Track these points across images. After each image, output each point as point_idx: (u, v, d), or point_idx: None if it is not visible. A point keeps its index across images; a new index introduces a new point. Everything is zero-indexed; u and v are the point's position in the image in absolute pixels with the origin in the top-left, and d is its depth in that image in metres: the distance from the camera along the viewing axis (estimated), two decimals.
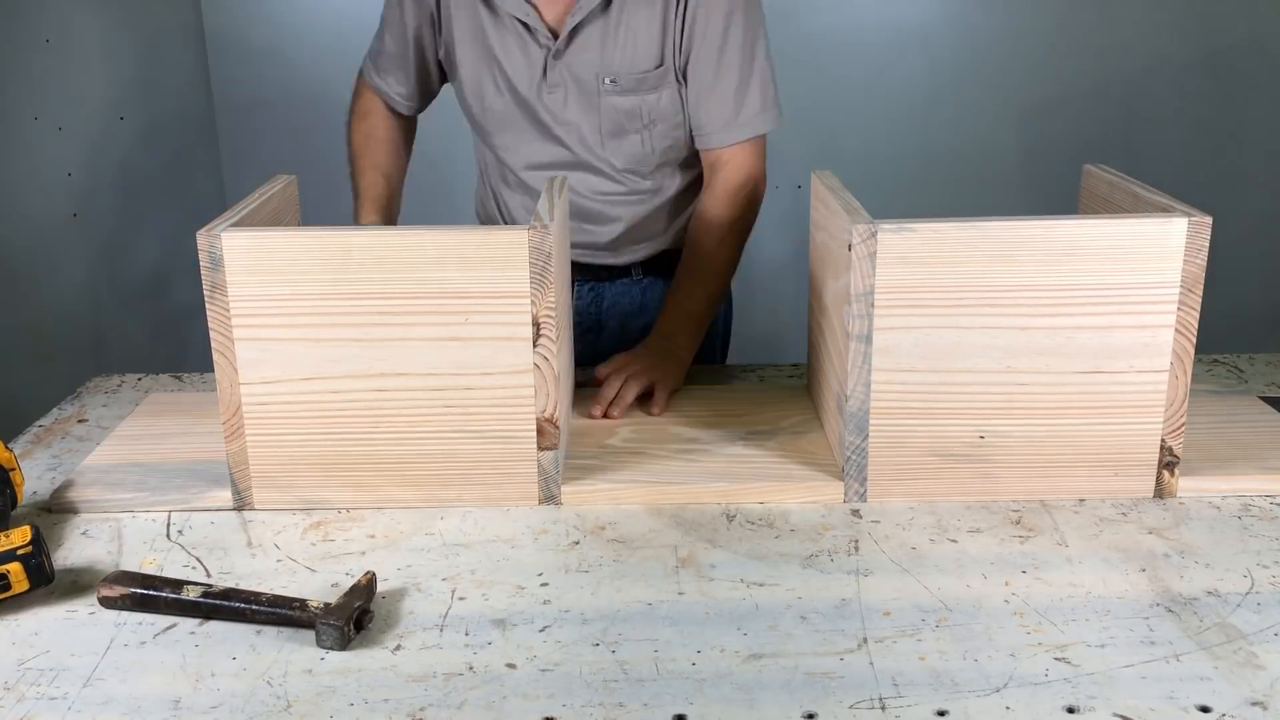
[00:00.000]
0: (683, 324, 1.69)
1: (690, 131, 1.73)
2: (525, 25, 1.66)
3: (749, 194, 1.73)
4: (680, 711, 1.00)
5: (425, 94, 1.86)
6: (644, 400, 1.58)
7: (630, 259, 1.86)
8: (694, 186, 1.82)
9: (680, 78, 1.68)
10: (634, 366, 1.59)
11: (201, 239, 1.27)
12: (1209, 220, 1.27)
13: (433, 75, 1.83)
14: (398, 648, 1.10)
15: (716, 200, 1.72)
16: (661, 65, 1.66)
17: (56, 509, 1.37)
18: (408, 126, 1.90)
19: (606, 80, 1.67)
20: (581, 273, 1.83)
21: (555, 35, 1.66)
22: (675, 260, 1.88)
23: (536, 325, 1.29)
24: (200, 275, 1.28)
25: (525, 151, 1.77)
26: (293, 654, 1.09)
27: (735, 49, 1.65)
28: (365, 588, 1.15)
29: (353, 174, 1.84)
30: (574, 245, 1.76)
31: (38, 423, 1.61)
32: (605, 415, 1.54)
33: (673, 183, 1.80)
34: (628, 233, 1.82)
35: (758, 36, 1.67)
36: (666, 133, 1.73)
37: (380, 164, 1.81)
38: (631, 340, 1.82)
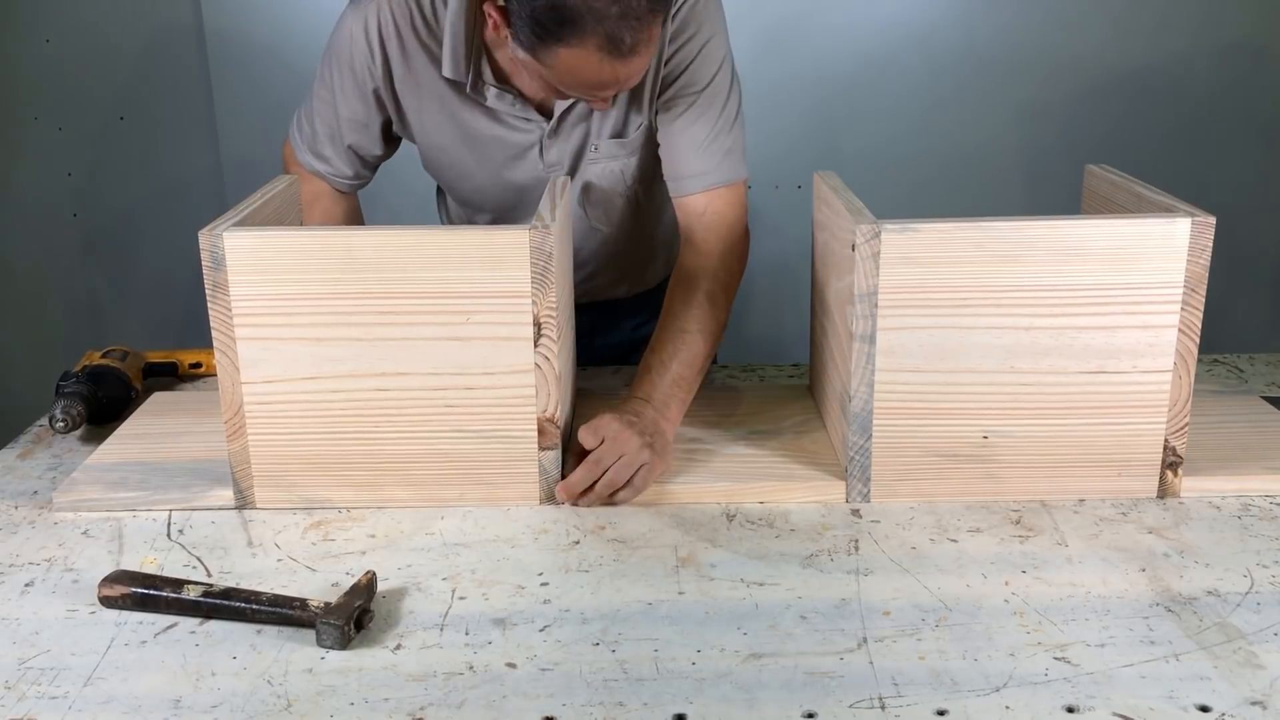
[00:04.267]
0: (674, 391, 1.48)
1: (659, 175, 1.63)
2: (520, 117, 1.58)
3: (734, 242, 1.59)
4: (680, 711, 1.00)
5: (372, 169, 1.72)
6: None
7: (610, 296, 1.83)
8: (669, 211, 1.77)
9: (654, 124, 1.60)
10: (625, 443, 1.35)
11: (204, 238, 1.27)
12: (1212, 220, 1.27)
13: (380, 153, 1.69)
14: (398, 647, 1.09)
15: (700, 251, 1.56)
16: (640, 125, 1.60)
17: (57, 509, 1.37)
18: (356, 206, 1.76)
19: (592, 149, 1.61)
20: None
21: (547, 115, 1.58)
22: (639, 299, 1.83)
23: (538, 325, 1.29)
24: (201, 275, 1.28)
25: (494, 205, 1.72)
26: (293, 653, 1.09)
27: (717, 94, 1.56)
28: (365, 587, 1.15)
29: None
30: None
31: (38, 422, 1.61)
32: (575, 504, 1.37)
33: (646, 214, 1.75)
34: (604, 273, 1.79)
35: (734, 90, 1.58)
36: (647, 185, 1.68)
37: None
38: (617, 339, 1.81)
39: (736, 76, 1.60)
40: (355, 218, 1.76)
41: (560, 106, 1.57)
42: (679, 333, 1.51)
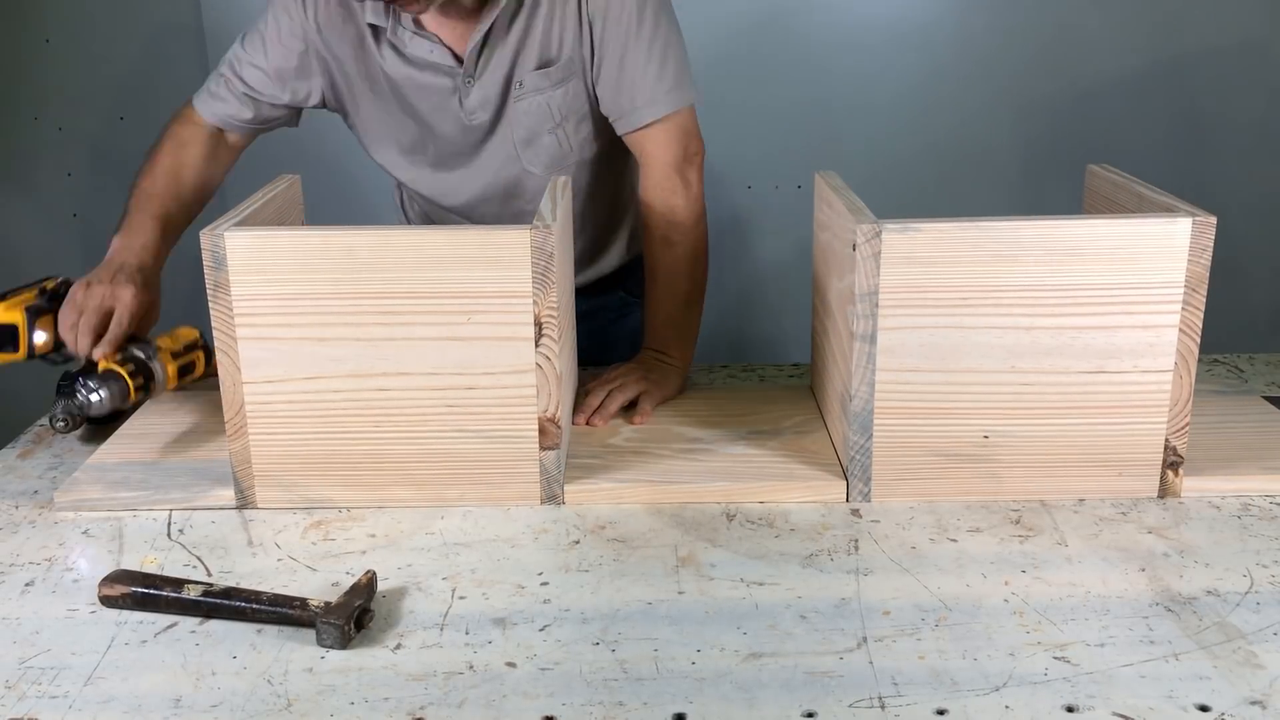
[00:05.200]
0: (666, 334, 1.63)
1: (603, 121, 1.67)
2: (439, 63, 1.59)
3: (683, 176, 1.61)
4: (680, 710, 1.00)
5: (265, 126, 1.74)
6: (630, 410, 1.56)
7: (580, 280, 1.83)
8: (617, 197, 1.81)
9: (586, 66, 1.62)
10: (621, 378, 1.57)
11: (205, 238, 1.28)
12: (1213, 220, 1.27)
13: (279, 118, 1.73)
14: (398, 647, 1.10)
15: (653, 192, 1.62)
16: (562, 56, 1.60)
17: (58, 508, 1.37)
18: (223, 172, 1.75)
19: (516, 85, 1.62)
20: None
21: (460, 60, 1.60)
22: (625, 275, 1.85)
23: (538, 325, 1.29)
24: (201, 275, 1.28)
25: (447, 190, 1.73)
26: (293, 653, 1.09)
27: (633, 23, 1.58)
28: (366, 587, 1.15)
29: (130, 203, 1.64)
30: None
31: (38, 422, 1.61)
32: (588, 423, 1.53)
33: (604, 182, 1.76)
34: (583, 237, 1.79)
35: (664, 18, 1.60)
36: (577, 126, 1.67)
37: (168, 205, 1.64)
38: (588, 343, 1.81)
39: (669, 3, 1.62)
40: (218, 181, 1.74)
41: (471, 45, 1.58)
42: (655, 282, 1.65)
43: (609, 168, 1.77)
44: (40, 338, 1.41)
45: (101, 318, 1.48)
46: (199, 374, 1.55)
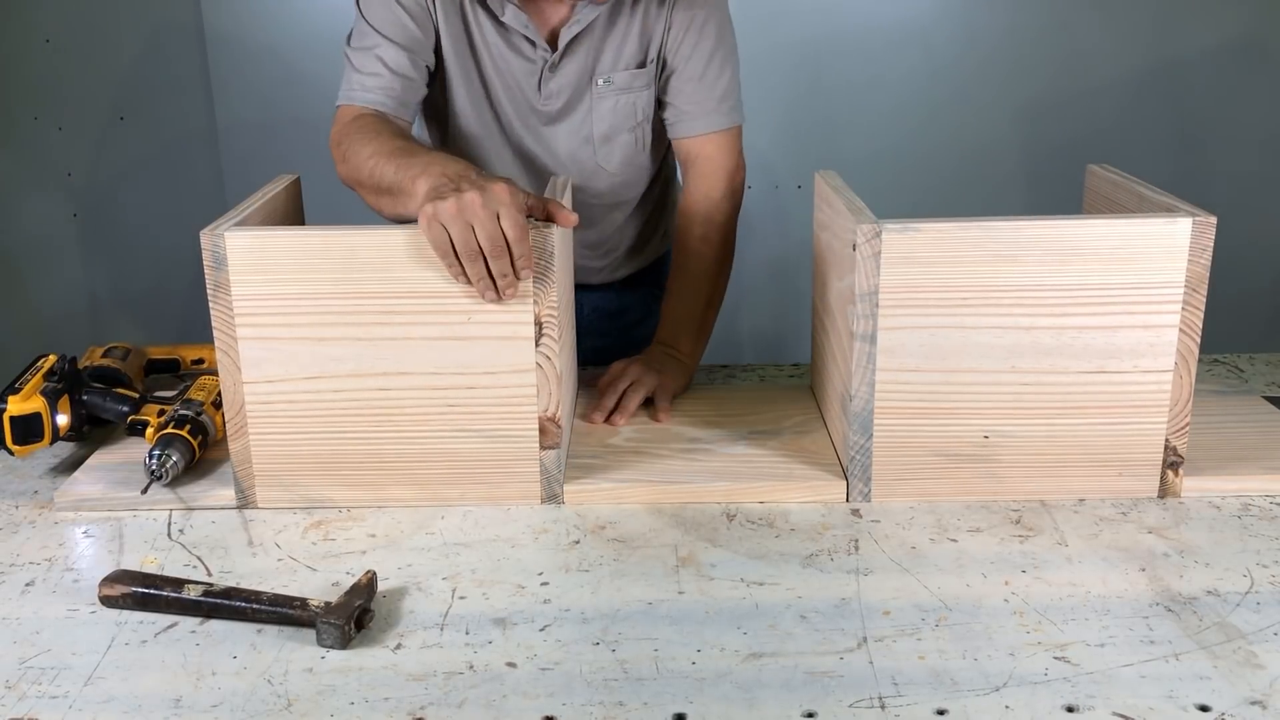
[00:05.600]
0: (682, 329, 1.68)
1: (659, 125, 1.72)
2: (529, 40, 1.61)
3: (732, 185, 1.70)
4: (680, 710, 1.00)
5: (423, 79, 1.67)
6: (648, 406, 1.58)
7: (609, 278, 1.88)
8: (665, 196, 1.84)
9: (659, 69, 1.67)
10: (635, 373, 1.58)
11: (205, 238, 1.27)
12: (1213, 220, 1.27)
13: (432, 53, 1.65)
14: (398, 647, 1.10)
15: (699, 194, 1.69)
16: (646, 62, 1.66)
17: (58, 508, 1.37)
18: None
19: (599, 82, 1.65)
20: None
21: (552, 47, 1.63)
22: (654, 272, 1.87)
23: (539, 324, 1.29)
24: (201, 275, 1.28)
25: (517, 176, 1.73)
26: (293, 653, 1.09)
27: (714, 42, 1.65)
28: (366, 587, 1.15)
29: (378, 165, 1.39)
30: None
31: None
32: (608, 421, 1.54)
33: (652, 189, 1.81)
34: (606, 245, 1.83)
35: (731, 37, 1.68)
36: (650, 127, 1.72)
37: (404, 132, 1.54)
38: (613, 341, 1.81)
39: (730, 22, 1.68)
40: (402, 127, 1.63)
41: (566, 36, 1.60)
42: (680, 277, 1.69)
43: (660, 172, 1.81)
44: (61, 420, 1.43)
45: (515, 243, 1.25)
46: None
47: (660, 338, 1.68)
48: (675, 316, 1.69)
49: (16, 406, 1.39)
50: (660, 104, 1.70)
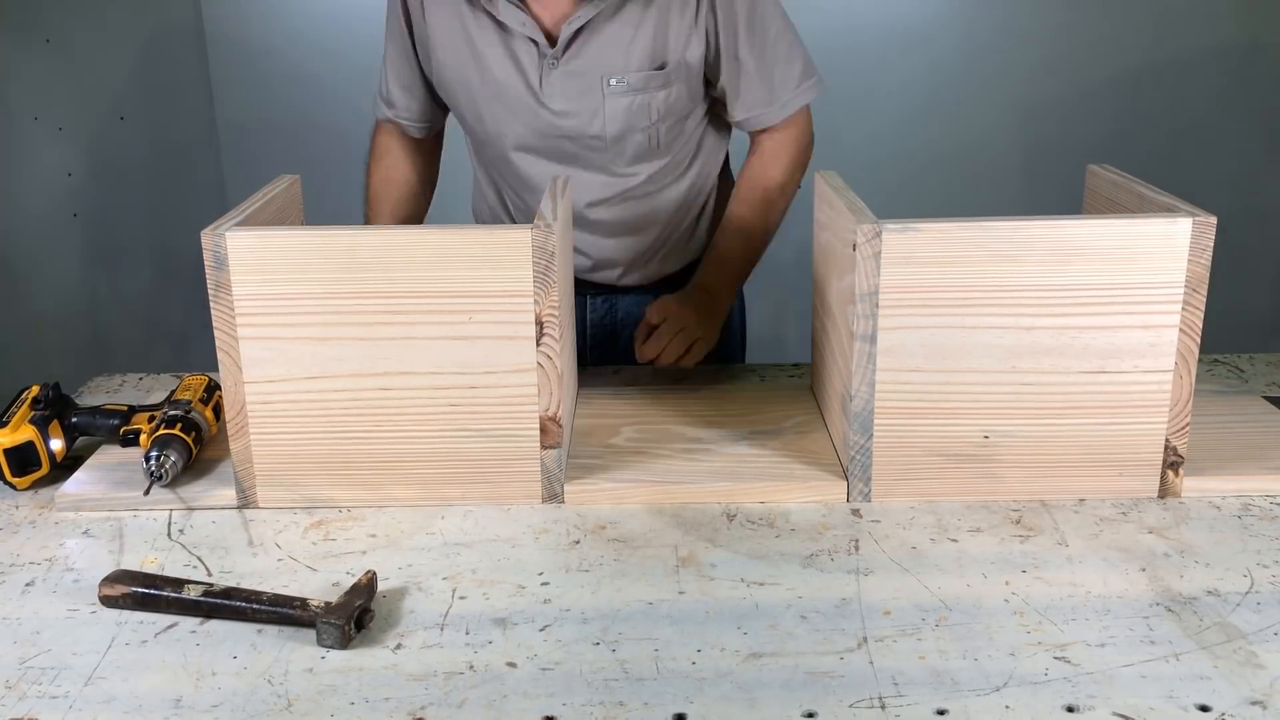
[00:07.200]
0: (725, 279, 1.73)
1: (696, 122, 1.73)
2: (530, 39, 1.61)
3: (795, 158, 1.75)
4: (680, 710, 1.00)
5: (438, 107, 1.80)
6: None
7: (641, 279, 1.85)
8: (702, 191, 1.82)
9: (700, 70, 1.66)
10: (685, 318, 1.63)
11: (206, 239, 1.28)
12: (1214, 220, 1.27)
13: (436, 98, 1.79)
14: (398, 647, 1.10)
15: (777, 163, 1.73)
16: (672, 60, 1.63)
17: (58, 508, 1.37)
18: (428, 162, 1.86)
19: (611, 81, 1.63)
20: (595, 290, 1.83)
21: (552, 41, 1.62)
22: (684, 280, 1.87)
23: (540, 324, 1.29)
24: (201, 275, 1.28)
25: (514, 139, 1.73)
26: (293, 653, 1.09)
27: (759, 28, 1.64)
28: (366, 587, 1.15)
29: (367, 218, 1.81)
30: (595, 267, 1.77)
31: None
32: (653, 362, 1.61)
33: (676, 187, 1.78)
34: (640, 250, 1.81)
35: (778, 12, 1.67)
36: (672, 127, 1.71)
37: (397, 209, 1.79)
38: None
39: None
40: (419, 183, 1.82)
41: (567, 31, 1.59)
42: (736, 231, 1.73)
43: (684, 171, 1.79)
44: (55, 445, 1.44)
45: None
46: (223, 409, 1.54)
47: (704, 283, 1.72)
48: (722, 267, 1.73)
49: (8, 438, 1.39)
50: (717, 98, 1.71)
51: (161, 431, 1.38)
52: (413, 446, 1.34)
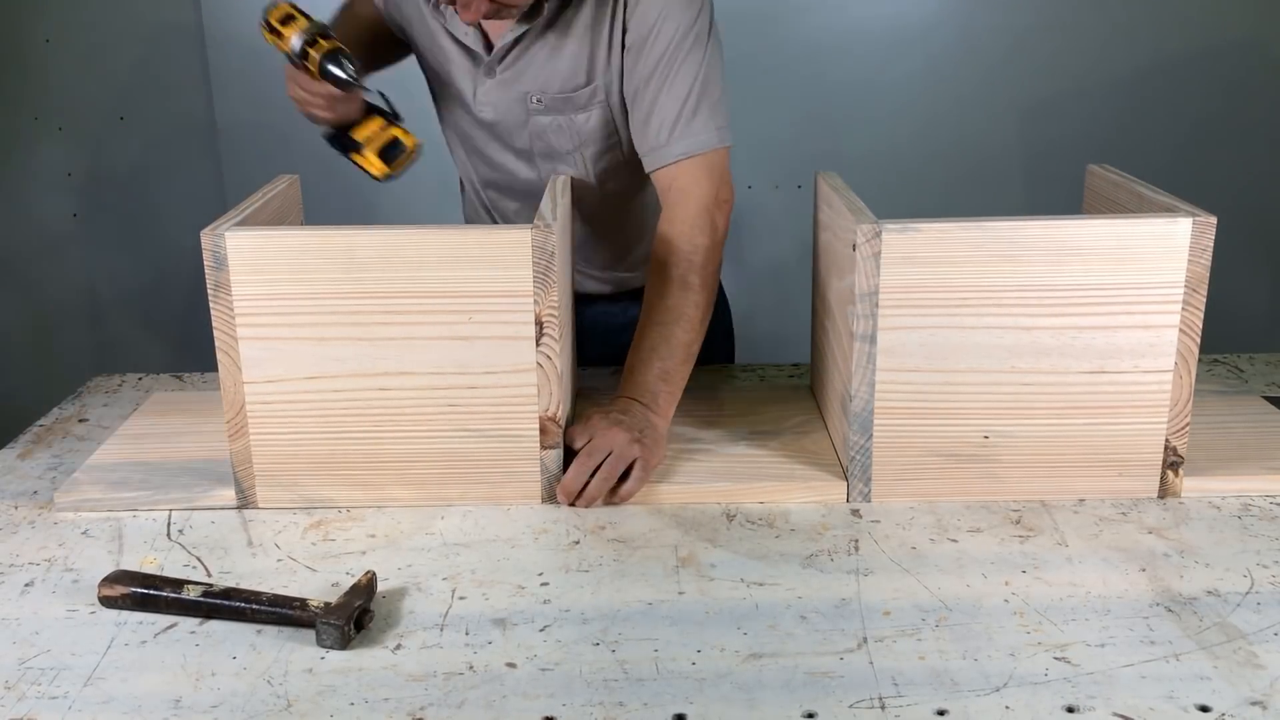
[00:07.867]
0: (661, 385, 1.43)
1: (627, 158, 1.63)
2: (469, 48, 1.60)
3: (709, 218, 1.51)
4: (680, 711, 1.00)
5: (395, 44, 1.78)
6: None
7: (601, 289, 1.82)
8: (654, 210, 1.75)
9: (616, 97, 1.58)
10: (618, 442, 1.35)
11: (205, 239, 1.28)
12: (1213, 220, 1.27)
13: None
14: (398, 647, 1.10)
15: (674, 229, 1.50)
16: (590, 84, 1.58)
17: (58, 508, 1.37)
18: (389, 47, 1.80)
19: (533, 100, 1.60)
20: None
21: (490, 50, 1.60)
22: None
23: (539, 324, 1.29)
24: (201, 275, 1.28)
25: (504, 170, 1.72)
26: (293, 653, 1.09)
27: (680, 64, 1.52)
28: (365, 587, 1.15)
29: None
30: None
31: (38, 422, 1.61)
32: (572, 504, 1.36)
33: (627, 215, 1.74)
34: (597, 255, 1.78)
35: (707, 56, 1.52)
36: (600, 155, 1.64)
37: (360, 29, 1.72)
38: (616, 346, 1.81)
39: (715, 33, 1.55)
40: (387, 41, 1.77)
41: (501, 43, 1.57)
42: (656, 325, 1.47)
43: (625, 209, 1.73)
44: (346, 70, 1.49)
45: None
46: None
47: (638, 395, 1.42)
48: (651, 373, 1.44)
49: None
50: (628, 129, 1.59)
51: (318, 48, 1.48)
52: (412, 447, 1.34)
